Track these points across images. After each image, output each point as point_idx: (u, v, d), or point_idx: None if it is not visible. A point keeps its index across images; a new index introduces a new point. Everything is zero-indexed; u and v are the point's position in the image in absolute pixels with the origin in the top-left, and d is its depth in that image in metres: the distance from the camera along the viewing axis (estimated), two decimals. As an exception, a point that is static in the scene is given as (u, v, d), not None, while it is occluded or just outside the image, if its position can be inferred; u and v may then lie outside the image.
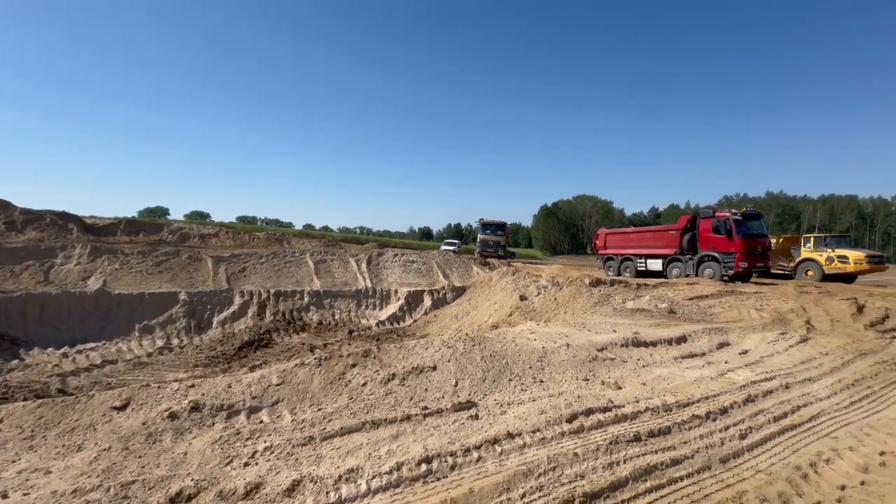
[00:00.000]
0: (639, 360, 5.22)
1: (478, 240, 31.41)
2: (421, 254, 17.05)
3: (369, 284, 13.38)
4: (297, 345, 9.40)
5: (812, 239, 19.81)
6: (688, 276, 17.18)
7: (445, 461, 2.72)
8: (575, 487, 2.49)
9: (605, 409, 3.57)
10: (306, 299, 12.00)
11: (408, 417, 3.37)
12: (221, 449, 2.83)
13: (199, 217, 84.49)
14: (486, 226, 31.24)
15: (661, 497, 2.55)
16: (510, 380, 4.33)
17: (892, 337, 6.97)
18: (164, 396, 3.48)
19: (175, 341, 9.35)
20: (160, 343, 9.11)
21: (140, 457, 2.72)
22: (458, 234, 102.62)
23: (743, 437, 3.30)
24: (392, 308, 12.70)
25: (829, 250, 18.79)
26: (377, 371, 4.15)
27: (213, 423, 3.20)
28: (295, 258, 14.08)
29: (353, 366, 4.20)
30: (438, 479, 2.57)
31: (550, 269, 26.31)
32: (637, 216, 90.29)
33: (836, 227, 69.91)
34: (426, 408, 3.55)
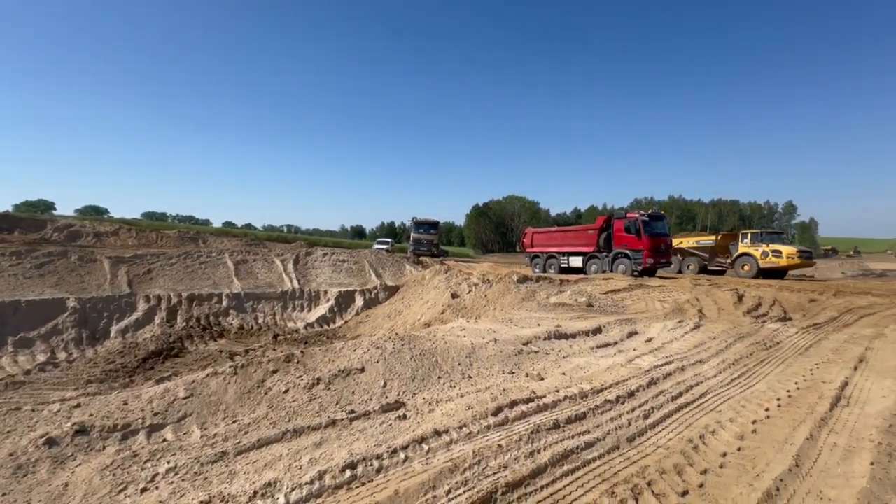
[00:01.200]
0: (560, 351, 5.56)
1: (411, 238, 31.36)
2: (352, 253, 16.61)
3: (296, 285, 12.74)
4: (214, 352, 8.64)
5: (749, 235, 20.52)
6: (604, 271, 18.68)
7: (371, 465, 2.66)
8: (498, 478, 2.57)
9: (529, 401, 3.74)
10: (225, 303, 11.09)
11: (333, 423, 3.25)
12: (113, 475, 2.50)
13: (94, 212, 74.27)
14: (419, 224, 31.29)
15: (577, 479, 2.73)
16: (439, 377, 4.37)
17: (762, 321, 8.16)
18: (39, 420, 3.00)
19: (62, 355, 8.12)
20: (42, 358, 7.86)
21: (3, 495, 2.31)
22: (392, 232, 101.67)
23: (646, 416, 3.64)
24: (321, 309, 12.21)
25: (764, 245, 19.51)
26: (301, 376, 3.95)
27: (104, 447, 2.82)
28: (212, 258, 12.95)
29: (274, 372, 3.96)
30: (363, 484, 2.50)
31: (481, 266, 27.06)
32: (561, 216, 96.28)
33: (722, 227, 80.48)
34: (353, 411, 3.45)
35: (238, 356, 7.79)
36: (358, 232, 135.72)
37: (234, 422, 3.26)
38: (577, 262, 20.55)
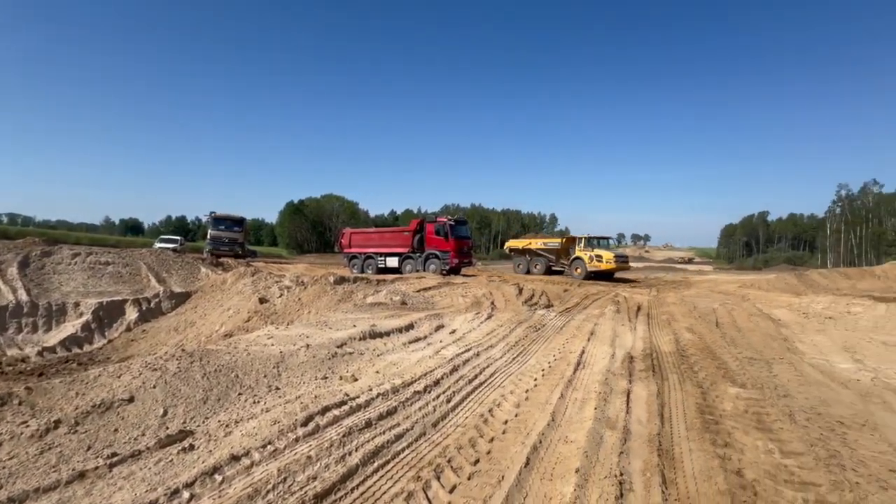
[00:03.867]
0: (374, 350, 5.68)
1: (209, 236, 26.88)
2: (122, 253, 13.17)
3: (24, 298, 9.29)
4: None
5: (583, 240, 21.65)
6: (418, 271, 20.05)
7: (140, 516, 2.15)
8: (306, 492, 2.45)
9: (342, 404, 3.69)
10: None
11: (81, 475, 2.50)
12: None
13: None
14: (220, 220, 27.08)
15: (387, 472, 2.83)
16: (240, 394, 3.88)
17: (535, 308, 10.19)
18: None
19: None
20: None
21: None
22: (182, 229, 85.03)
23: (449, 400, 4.07)
24: (69, 328, 9.24)
25: (590, 250, 21.02)
26: (25, 423, 2.89)
27: None
28: None
29: (-26, 424, 2.79)
30: (128, 544, 2.00)
31: (296, 267, 25.33)
32: (380, 217, 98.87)
33: (510, 234, 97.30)
34: (115, 454, 2.73)
35: None
36: (132, 227, 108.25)
37: None
38: (393, 262, 21.44)
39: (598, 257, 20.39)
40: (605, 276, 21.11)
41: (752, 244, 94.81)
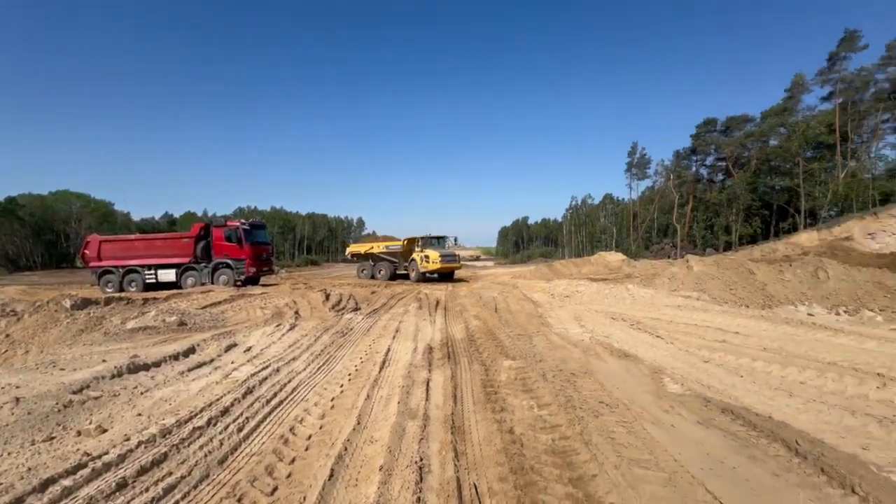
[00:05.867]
0: (136, 387, 4.50)
1: None
2: None
3: None
4: None
5: (421, 241, 20.83)
6: (203, 284, 17.04)
7: None
8: None
9: (77, 469, 2.76)
10: None
11: None
12: None
13: None
14: None
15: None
16: None
17: (342, 313, 10.03)
18: None
19: None
20: None
21: None
22: None
23: (241, 429, 3.56)
24: None
25: (421, 251, 20.34)
26: None
27: None
28: None
29: None
30: None
31: (4, 292, 17.92)
32: (148, 222, 79.79)
33: (316, 238, 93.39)
34: None
35: None
36: None
37: None
38: (168, 275, 17.60)
39: (426, 258, 20.14)
40: (446, 276, 20.96)
41: (520, 242, 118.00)
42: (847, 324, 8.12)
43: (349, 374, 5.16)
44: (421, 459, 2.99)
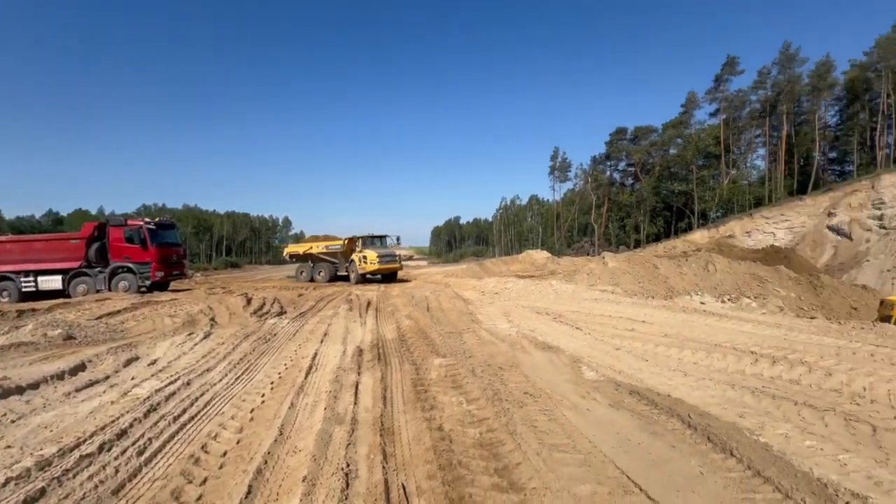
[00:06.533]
0: (4, 415, 3.83)
1: None
2: None
3: None
4: None
5: (361, 240, 19.69)
6: (99, 291, 15.01)
7: None
8: None
9: (-82, 519, 2.27)
10: None
11: None
12: None
13: None
14: None
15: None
16: None
17: (265, 318, 9.43)
18: None
19: None
20: None
21: None
22: None
23: (141, 452, 3.18)
24: None
25: (360, 250, 19.20)
26: None
27: None
28: None
29: None
30: None
31: None
32: (26, 221, 68.40)
33: (237, 238, 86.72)
34: None
35: None
36: None
37: None
38: (52, 282, 15.22)
39: (364, 258, 18.99)
40: (388, 277, 20.06)
41: (452, 242, 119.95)
42: (730, 310, 9.39)
43: (272, 383, 4.86)
44: (348, 465, 2.90)
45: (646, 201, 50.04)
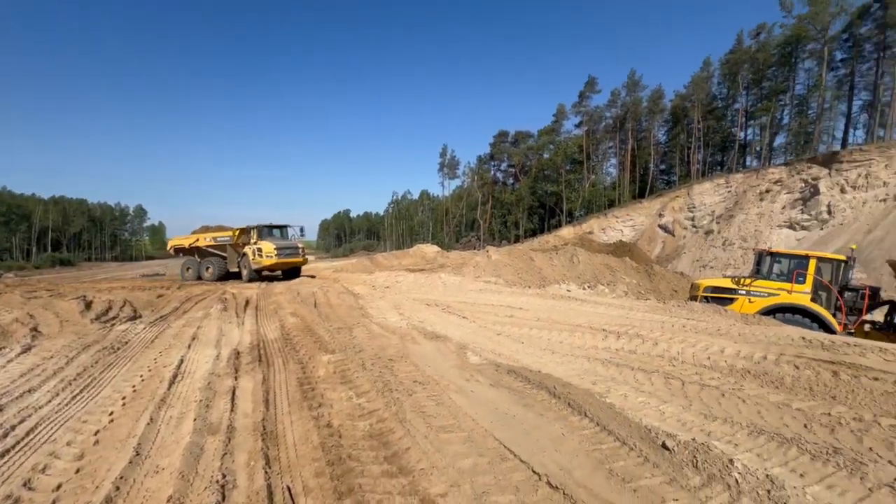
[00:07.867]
0: None
1: None
2: None
3: None
4: None
5: (256, 230, 17.08)
6: None
7: None
8: None
9: None
10: None
11: None
12: None
13: None
14: None
15: None
16: None
17: (112, 324, 7.96)
18: None
19: None
20: None
21: None
22: None
23: (-74, 503, 2.47)
24: None
25: (255, 242, 16.84)
26: None
27: None
28: None
29: None
30: None
31: None
32: None
33: (69, 230, 70.81)
34: None
35: None
36: None
37: None
38: None
39: (259, 251, 16.49)
40: (289, 273, 17.68)
41: (342, 235, 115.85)
42: (589, 295, 10.92)
43: (123, 398, 4.16)
44: (224, 476, 2.67)
45: (524, 200, 55.10)
